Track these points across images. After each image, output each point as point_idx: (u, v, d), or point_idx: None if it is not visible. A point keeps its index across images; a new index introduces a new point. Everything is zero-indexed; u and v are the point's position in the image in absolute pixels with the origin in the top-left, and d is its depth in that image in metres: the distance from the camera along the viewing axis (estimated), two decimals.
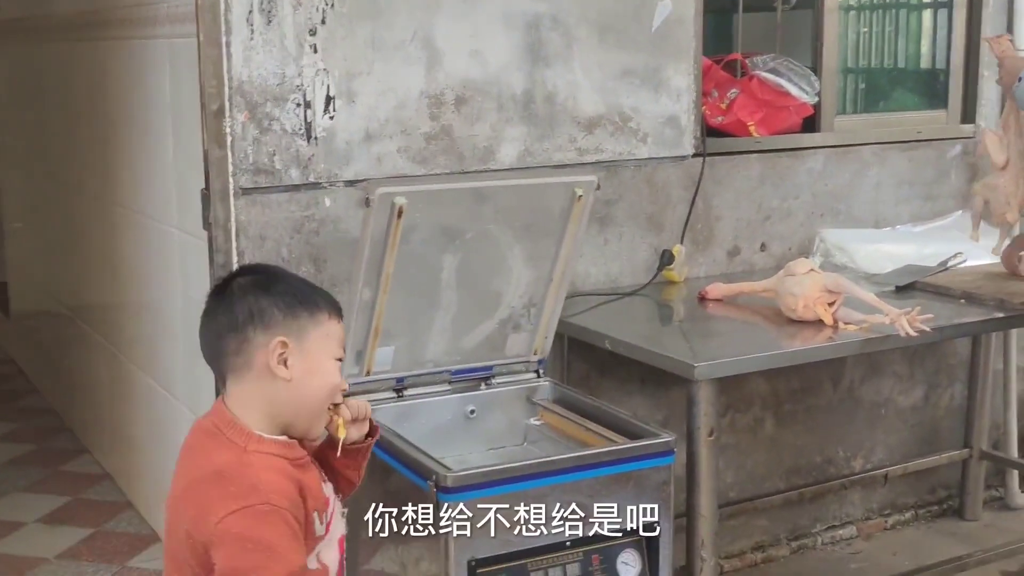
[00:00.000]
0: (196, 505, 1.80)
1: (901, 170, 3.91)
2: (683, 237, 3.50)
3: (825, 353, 2.90)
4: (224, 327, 1.87)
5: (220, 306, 1.88)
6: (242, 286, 1.88)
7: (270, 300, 1.86)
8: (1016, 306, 3.10)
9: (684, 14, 3.40)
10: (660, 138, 3.43)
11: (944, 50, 4.05)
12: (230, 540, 1.74)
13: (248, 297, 1.86)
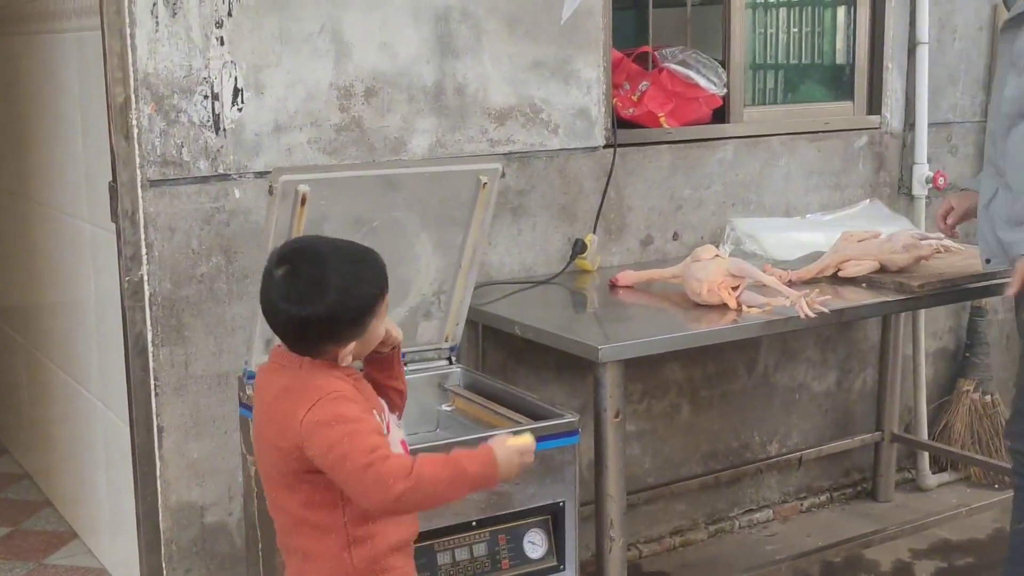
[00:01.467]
0: (276, 421, 2.06)
1: (810, 160, 4.00)
2: (596, 227, 3.56)
3: (728, 335, 2.96)
4: (296, 326, 2.07)
5: (295, 304, 2.04)
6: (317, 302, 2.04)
7: (344, 316, 2.06)
8: (914, 289, 3.20)
9: (593, 6, 3.46)
10: (571, 129, 3.48)
11: (850, 44, 4.14)
12: (315, 428, 1.99)
13: (322, 314, 2.04)
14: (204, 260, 2.95)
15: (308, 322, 2.05)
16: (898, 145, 4.21)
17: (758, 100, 4.08)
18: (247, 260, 2.96)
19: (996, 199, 2.93)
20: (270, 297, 2.07)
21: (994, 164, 2.95)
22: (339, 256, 2.08)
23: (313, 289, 2.04)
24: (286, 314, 2.06)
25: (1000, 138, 2.89)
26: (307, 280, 2.04)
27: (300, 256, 2.08)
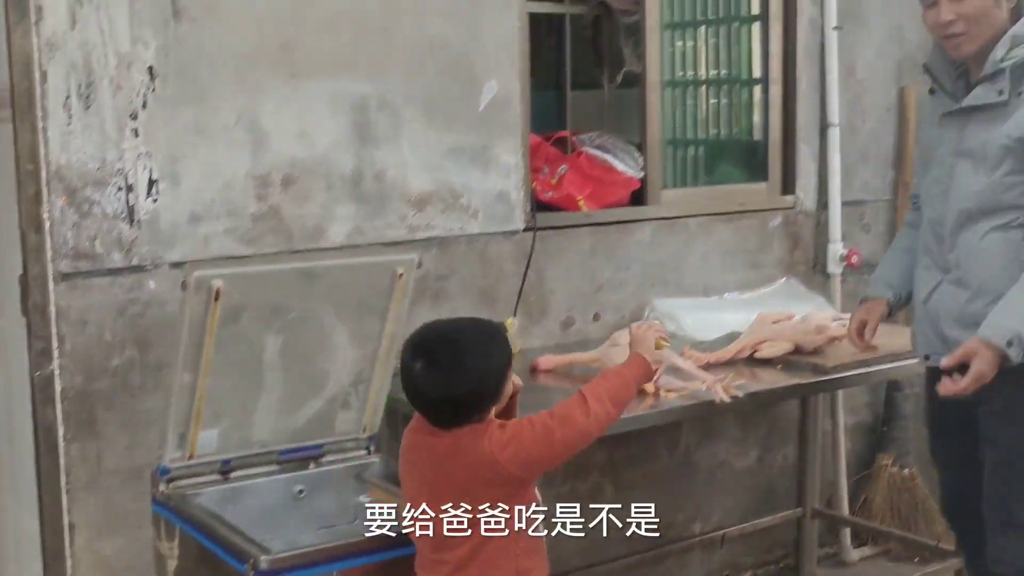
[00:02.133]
0: (460, 456, 2.30)
1: (727, 240, 4.07)
2: (516, 310, 3.57)
3: (647, 420, 2.97)
4: (445, 408, 2.32)
5: (442, 390, 2.30)
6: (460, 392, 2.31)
7: (486, 391, 2.33)
8: (828, 370, 3.26)
9: (511, 94, 3.50)
10: (491, 214, 3.51)
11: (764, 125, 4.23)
12: (505, 434, 2.30)
13: (467, 394, 2.30)
14: (117, 353, 2.91)
15: (456, 403, 2.30)
16: (812, 224, 4.30)
17: (677, 182, 4.15)
18: (162, 352, 2.92)
19: (938, 294, 2.80)
20: (415, 387, 2.31)
21: (934, 257, 2.83)
22: (469, 337, 2.34)
23: (455, 374, 2.28)
24: (434, 399, 2.31)
25: (949, 232, 2.76)
26: (447, 367, 2.29)
27: (434, 345, 2.32)
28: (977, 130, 2.72)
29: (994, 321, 2.59)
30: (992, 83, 2.68)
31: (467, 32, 3.40)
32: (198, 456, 2.69)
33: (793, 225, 4.25)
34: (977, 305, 2.70)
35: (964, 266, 2.75)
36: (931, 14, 2.72)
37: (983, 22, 2.67)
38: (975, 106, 2.71)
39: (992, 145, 2.68)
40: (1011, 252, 2.69)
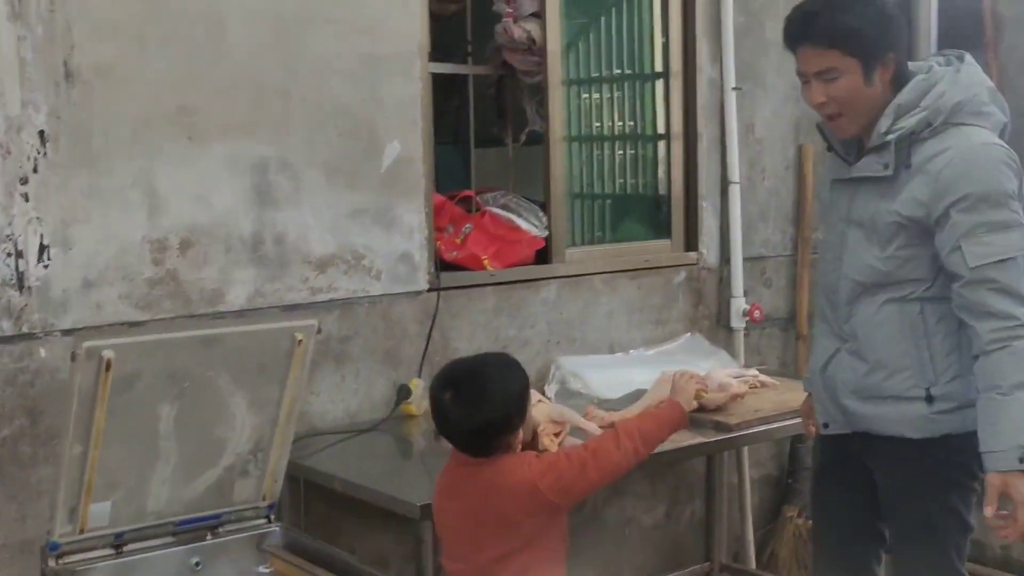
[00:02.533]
0: (503, 484, 2.50)
1: (631, 297, 4.10)
2: (421, 371, 3.55)
3: None
4: (476, 433, 2.55)
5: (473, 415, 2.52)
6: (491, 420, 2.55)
7: (512, 411, 2.56)
8: (731, 427, 3.28)
9: (413, 154, 3.50)
10: (394, 274, 3.49)
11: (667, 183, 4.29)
12: (544, 464, 2.54)
13: (495, 416, 2.54)
14: (6, 422, 2.82)
15: (487, 425, 2.51)
16: (715, 280, 4.36)
17: (583, 239, 4.16)
18: (54, 421, 2.84)
19: (836, 364, 2.74)
20: (447, 416, 2.54)
21: (830, 324, 2.76)
22: (490, 367, 2.59)
23: (481, 399, 2.51)
24: (465, 426, 2.52)
25: (844, 302, 2.69)
26: (474, 394, 2.52)
27: (460, 377, 2.57)
28: (867, 201, 2.64)
29: (992, 447, 2.46)
30: (878, 155, 2.59)
31: (369, 94, 3.40)
32: (89, 530, 2.62)
33: (697, 281, 4.30)
34: (875, 378, 2.65)
35: (861, 338, 2.67)
36: (805, 92, 2.65)
37: (857, 103, 2.57)
38: (863, 177, 2.64)
39: (883, 219, 2.60)
40: (907, 326, 2.62)
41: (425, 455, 3.32)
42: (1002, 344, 2.48)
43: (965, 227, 2.50)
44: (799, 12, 2.62)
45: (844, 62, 2.54)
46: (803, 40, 2.59)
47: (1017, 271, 2.51)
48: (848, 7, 2.55)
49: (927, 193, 2.54)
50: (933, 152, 2.55)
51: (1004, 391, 2.46)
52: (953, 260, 2.53)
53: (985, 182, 2.51)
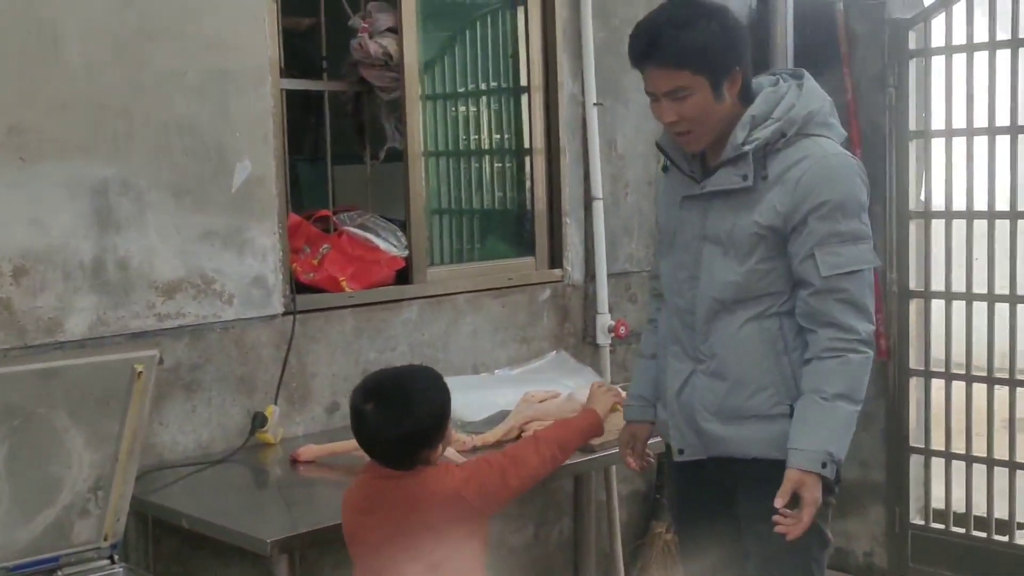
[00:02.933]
0: (428, 494, 2.53)
1: (496, 316, 4.04)
2: (277, 397, 3.43)
3: None
4: (398, 444, 2.56)
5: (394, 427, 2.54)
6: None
7: (433, 423, 2.57)
8: (595, 447, 3.24)
9: (265, 174, 3.39)
10: (247, 298, 3.37)
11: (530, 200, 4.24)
12: (466, 472, 2.61)
13: (416, 428, 2.55)
14: None
15: (410, 437, 2.52)
16: (580, 296, 4.33)
17: (447, 258, 4.10)
18: None
19: (692, 386, 2.69)
20: (368, 428, 2.54)
21: (684, 346, 2.71)
22: (414, 379, 2.62)
23: (405, 410, 2.51)
24: (388, 436, 2.51)
25: (702, 321, 2.65)
26: (398, 405, 2.52)
27: (383, 388, 2.57)
28: (722, 215, 2.61)
29: (800, 445, 2.51)
30: (735, 167, 2.56)
31: (217, 111, 3.27)
32: None
33: (561, 298, 4.27)
34: (738, 398, 2.63)
35: (720, 357, 2.64)
36: (655, 109, 2.63)
37: (708, 119, 2.56)
38: (718, 191, 2.62)
39: (741, 232, 2.58)
40: (768, 342, 2.61)
41: (281, 486, 3.21)
42: (838, 354, 2.53)
43: (820, 235, 2.53)
44: (643, 32, 2.58)
45: (693, 80, 2.53)
46: (650, 61, 2.56)
47: (863, 283, 2.56)
48: (691, 24, 2.52)
49: (786, 202, 2.54)
50: (790, 162, 2.56)
51: (827, 397, 2.52)
52: (805, 268, 2.55)
53: (842, 191, 2.54)
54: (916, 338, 4.66)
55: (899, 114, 4.59)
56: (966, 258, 4.47)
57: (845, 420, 2.54)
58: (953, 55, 4.46)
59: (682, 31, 2.51)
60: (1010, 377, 4.42)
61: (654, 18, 2.58)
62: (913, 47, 4.57)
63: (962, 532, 4.58)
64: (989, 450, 4.49)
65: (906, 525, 4.72)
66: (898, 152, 4.61)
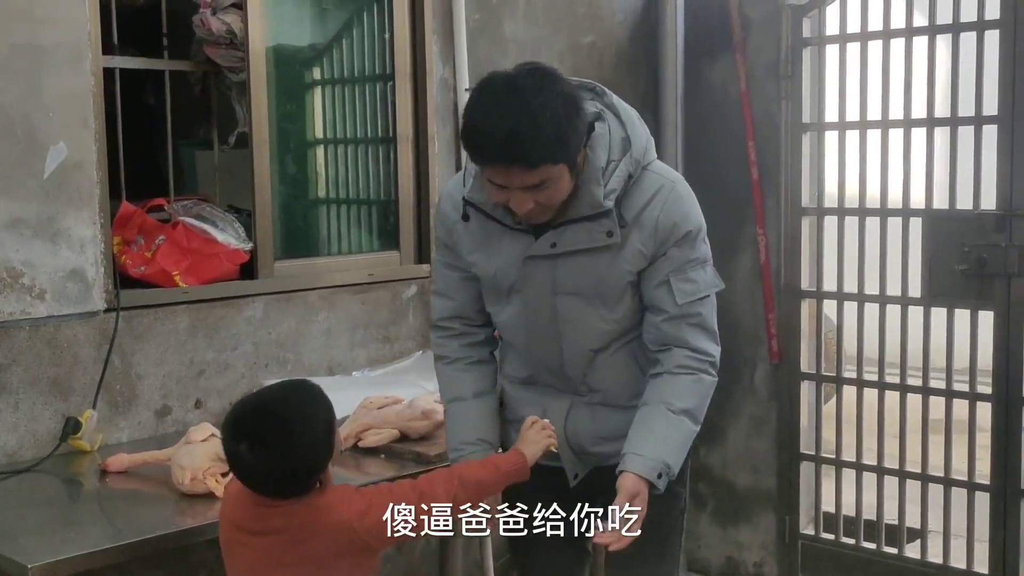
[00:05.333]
0: (318, 524, 2.27)
1: (354, 313, 3.80)
2: (96, 401, 3.17)
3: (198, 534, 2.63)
4: (285, 479, 2.26)
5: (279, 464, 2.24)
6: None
7: (322, 450, 2.29)
8: (431, 459, 3.02)
9: (84, 159, 3.11)
10: (62, 294, 3.09)
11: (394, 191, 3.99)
12: (363, 503, 2.30)
13: (304, 460, 2.27)
14: None
15: (295, 472, 2.25)
16: None
17: (299, 251, 3.82)
18: None
19: (575, 417, 2.63)
20: (246, 469, 2.24)
21: (557, 385, 2.63)
22: (289, 405, 2.29)
23: (286, 445, 2.21)
24: (270, 477, 2.23)
25: (578, 367, 2.58)
26: (276, 440, 2.21)
27: (255, 423, 2.25)
28: (582, 270, 2.48)
29: (640, 451, 2.43)
30: (596, 224, 2.43)
31: (26, 88, 2.99)
32: None
33: (428, 295, 4.01)
34: (617, 419, 2.58)
35: (598, 386, 2.61)
36: (498, 196, 2.37)
37: (563, 197, 2.39)
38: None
39: (611, 283, 2.49)
40: (636, 362, 2.60)
41: (83, 499, 2.96)
42: (691, 371, 2.51)
43: (676, 263, 2.49)
44: (501, 137, 2.26)
45: (555, 171, 2.32)
46: (512, 163, 2.29)
47: (712, 307, 2.56)
48: (548, 116, 2.26)
49: (650, 244, 2.48)
50: (642, 202, 2.48)
51: (675, 410, 2.48)
52: (658, 295, 2.51)
53: (695, 218, 2.52)
54: (807, 340, 4.47)
55: (792, 105, 4.39)
56: (858, 257, 4.28)
57: (686, 437, 2.52)
58: (847, 44, 4.27)
59: (541, 129, 2.25)
60: (901, 382, 4.24)
61: (504, 116, 2.26)
62: (808, 35, 4.37)
63: (852, 543, 4.40)
64: (879, 458, 4.31)
65: (796, 534, 4.54)
66: (790, 144, 4.40)
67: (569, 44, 4.45)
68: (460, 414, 2.68)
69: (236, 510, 2.35)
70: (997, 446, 4.00)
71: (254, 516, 2.30)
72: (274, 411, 2.28)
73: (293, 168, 3.79)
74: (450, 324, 2.72)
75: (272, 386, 2.43)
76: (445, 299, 2.71)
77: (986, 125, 3.94)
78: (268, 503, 2.28)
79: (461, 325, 2.71)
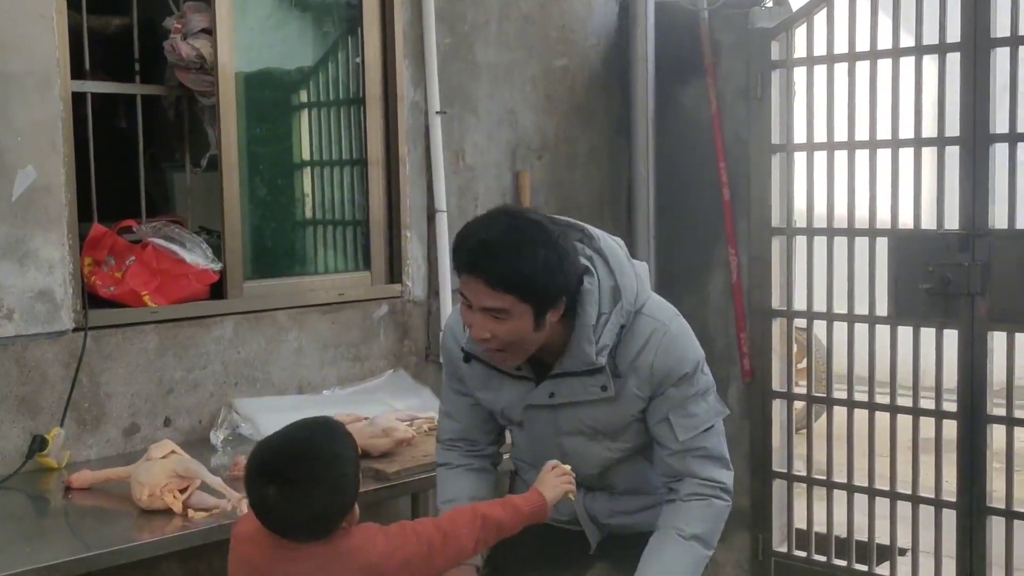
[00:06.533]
0: (346, 565, 2.21)
1: (323, 333, 3.85)
2: (64, 419, 3.23)
3: (158, 548, 2.67)
4: (315, 523, 2.20)
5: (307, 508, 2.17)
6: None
7: (349, 491, 2.24)
8: (389, 476, 3.07)
9: (52, 182, 3.18)
10: (30, 314, 3.16)
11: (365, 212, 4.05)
12: (390, 544, 2.26)
13: (333, 503, 2.21)
14: None
15: (325, 514, 2.19)
16: (423, 313, 4.14)
17: (269, 272, 3.87)
18: None
19: (591, 499, 2.73)
20: (272, 514, 2.17)
21: (579, 477, 2.62)
22: (317, 444, 2.22)
23: (316, 487, 2.16)
24: (298, 519, 2.17)
25: (587, 483, 2.69)
26: (306, 482, 2.15)
27: (284, 465, 2.17)
28: (583, 415, 2.57)
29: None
30: (590, 378, 2.50)
31: None
32: None
33: (401, 314, 4.08)
34: (636, 502, 2.71)
35: (613, 484, 2.71)
36: (466, 316, 2.45)
37: (522, 344, 2.44)
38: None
39: (611, 425, 2.57)
40: (648, 465, 2.67)
41: (45, 515, 2.99)
42: (702, 498, 2.56)
43: (675, 400, 2.54)
44: (477, 242, 2.37)
45: (517, 307, 2.38)
46: (476, 274, 2.37)
47: (718, 435, 2.60)
48: (529, 252, 2.33)
49: (646, 388, 2.53)
50: (636, 348, 2.52)
51: (685, 535, 2.54)
52: (660, 432, 2.57)
53: (691, 359, 2.55)
54: (779, 359, 4.51)
55: (762, 127, 4.45)
56: (827, 277, 4.33)
57: (697, 562, 2.57)
58: (814, 66, 4.33)
59: (516, 254, 2.33)
60: (869, 400, 4.28)
61: (488, 229, 2.38)
62: (776, 58, 4.43)
63: (823, 560, 4.43)
64: (849, 476, 4.35)
65: (769, 552, 4.57)
66: (760, 166, 4.46)
67: (542, 68, 4.52)
68: (451, 479, 2.81)
69: (253, 551, 2.27)
70: (963, 463, 4.03)
71: (276, 559, 2.24)
72: (303, 452, 2.21)
73: (263, 190, 3.85)
74: (456, 444, 2.83)
75: (295, 425, 2.30)
76: (452, 421, 2.82)
77: (949, 146, 3.99)
78: (292, 546, 2.22)
79: (466, 445, 2.82)
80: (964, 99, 3.91)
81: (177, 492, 2.78)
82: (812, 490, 4.46)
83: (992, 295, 3.89)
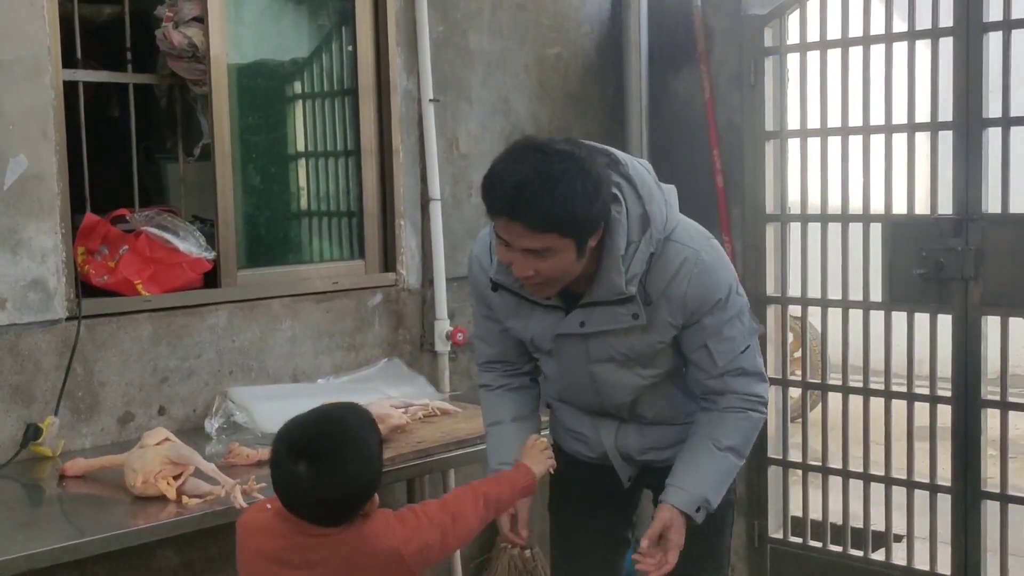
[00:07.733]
0: (368, 550, 2.28)
1: (318, 321, 3.85)
2: (58, 408, 3.23)
3: (147, 535, 2.67)
4: (339, 505, 2.26)
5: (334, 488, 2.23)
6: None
7: (375, 476, 2.32)
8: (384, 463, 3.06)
9: (44, 171, 3.18)
10: (23, 303, 3.16)
11: (359, 200, 4.05)
12: (407, 529, 2.33)
13: (359, 485, 2.27)
14: None
15: (350, 496, 2.24)
16: (417, 302, 4.14)
17: (263, 260, 3.87)
18: None
19: (624, 434, 2.74)
20: (299, 490, 2.21)
21: (602, 414, 2.75)
22: (347, 427, 2.28)
23: (344, 467, 2.21)
24: (324, 498, 2.21)
25: (619, 411, 2.71)
26: (335, 462, 2.21)
27: (315, 444, 2.22)
28: (613, 343, 2.56)
29: (683, 485, 2.57)
30: (621, 307, 2.48)
31: None
32: None
33: (395, 303, 4.08)
34: (667, 434, 2.73)
35: (643, 414, 2.72)
36: (506, 255, 2.41)
37: (566, 275, 2.42)
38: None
39: (641, 351, 2.57)
40: (681, 390, 2.70)
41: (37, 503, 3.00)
42: (740, 411, 2.61)
43: (712, 328, 2.53)
44: (509, 187, 2.30)
45: (559, 243, 2.35)
46: (515, 218, 2.32)
47: (754, 351, 2.62)
48: (565, 187, 2.28)
49: (679, 315, 2.52)
50: (665, 278, 2.49)
51: (720, 446, 2.59)
52: (699, 358, 2.58)
53: (724, 284, 2.54)
54: (774, 346, 4.51)
55: (755, 114, 4.45)
56: (821, 263, 4.33)
57: (729, 472, 2.65)
58: (807, 52, 4.32)
59: (553, 192, 2.28)
60: (864, 386, 4.28)
61: (519, 168, 2.31)
62: (769, 44, 4.42)
63: (819, 546, 4.43)
64: (844, 462, 4.35)
65: (765, 539, 4.57)
66: (754, 153, 4.46)
67: (535, 56, 4.51)
68: (498, 436, 2.82)
69: (268, 541, 2.30)
70: (957, 448, 4.04)
71: (294, 547, 2.26)
72: (337, 431, 2.26)
73: (257, 179, 3.85)
74: (492, 365, 2.85)
75: (326, 407, 2.37)
76: (486, 344, 2.84)
77: (942, 131, 3.99)
78: (313, 532, 2.25)
79: (502, 367, 2.83)
80: (957, 84, 3.91)
81: (171, 479, 2.78)
82: (808, 477, 4.46)
83: (985, 280, 3.89)
